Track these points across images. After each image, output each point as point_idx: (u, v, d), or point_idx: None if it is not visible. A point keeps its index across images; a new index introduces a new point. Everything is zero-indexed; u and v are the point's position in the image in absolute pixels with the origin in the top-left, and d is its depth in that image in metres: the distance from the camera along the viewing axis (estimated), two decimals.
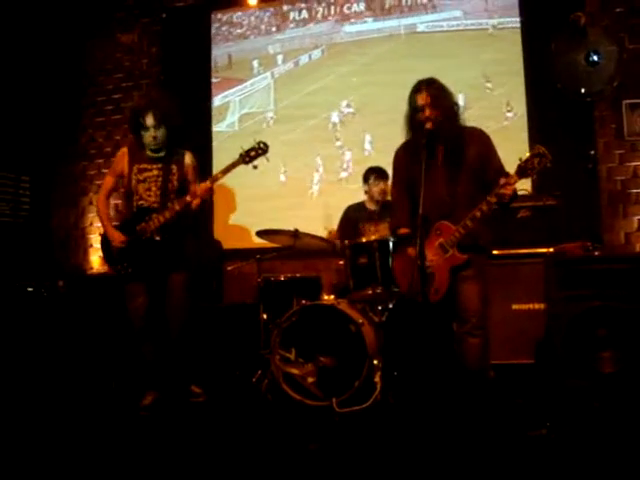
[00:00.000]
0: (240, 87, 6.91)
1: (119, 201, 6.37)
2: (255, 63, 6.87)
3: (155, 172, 4.29)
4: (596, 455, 2.93)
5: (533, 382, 4.24)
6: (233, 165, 4.20)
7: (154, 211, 4.20)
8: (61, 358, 5.32)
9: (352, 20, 6.59)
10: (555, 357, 4.12)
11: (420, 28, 6.33)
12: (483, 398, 3.44)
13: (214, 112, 6.87)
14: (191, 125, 4.63)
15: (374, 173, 5.06)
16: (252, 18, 6.93)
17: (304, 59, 6.78)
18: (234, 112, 6.90)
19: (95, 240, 7.00)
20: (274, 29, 6.86)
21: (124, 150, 4.44)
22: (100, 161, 7.12)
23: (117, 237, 4.26)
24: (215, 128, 6.83)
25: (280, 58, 6.83)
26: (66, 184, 7.20)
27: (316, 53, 6.74)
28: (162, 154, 4.34)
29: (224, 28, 6.98)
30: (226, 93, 6.92)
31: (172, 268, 4.28)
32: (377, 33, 6.50)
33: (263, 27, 6.91)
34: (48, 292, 5.85)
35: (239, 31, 6.95)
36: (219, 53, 6.94)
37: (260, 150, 4.20)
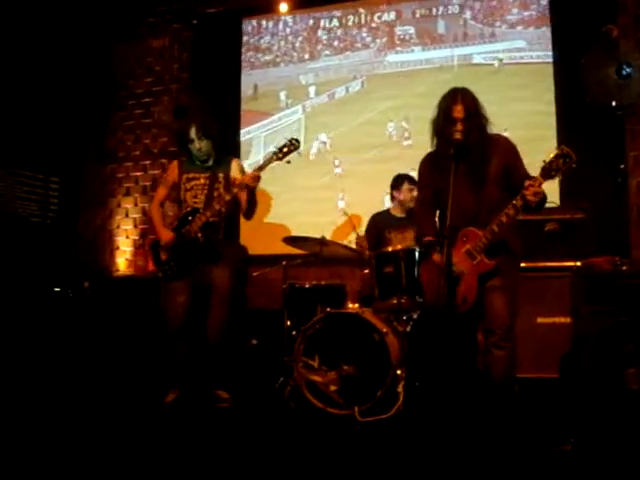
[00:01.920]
0: (266, 122, 6.41)
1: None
2: (282, 95, 6.35)
3: (202, 180, 4.45)
4: (621, 471, 2.90)
5: (557, 397, 4.19)
6: (267, 162, 4.26)
7: (198, 212, 4.32)
8: (86, 358, 5.37)
9: (397, 49, 5.99)
10: (581, 372, 4.08)
11: (477, 59, 5.79)
12: (507, 411, 3.42)
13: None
14: (220, 130, 4.67)
15: (407, 179, 5.02)
16: (282, 43, 6.43)
17: (340, 91, 6.16)
18: (259, 151, 6.40)
19: (122, 242, 7.08)
20: (307, 56, 6.28)
21: (175, 163, 4.64)
22: (128, 164, 7.19)
23: (165, 235, 4.41)
24: None
25: (313, 90, 6.27)
26: (94, 186, 7.27)
27: (354, 85, 6.13)
28: (210, 163, 4.51)
29: (250, 54, 6.57)
30: (249, 128, 6.46)
31: (216, 262, 4.37)
32: (426, 64, 5.93)
33: (295, 54, 6.35)
34: (74, 293, 5.92)
35: (267, 58, 6.46)
36: (244, 82, 6.48)
37: (292, 146, 4.27)
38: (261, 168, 4.24)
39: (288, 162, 4.29)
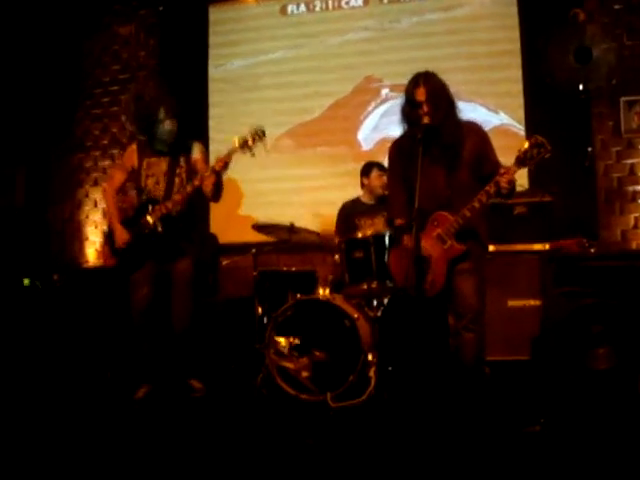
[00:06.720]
0: None
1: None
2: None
3: (164, 166, 4.29)
4: (590, 452, 2.93)
5: (528, 379, 4.23)
6: (230, 153, 4.06)
7: (157, 202, 4.19)
8: (56, 351, 5.31)
9: None
10: (550, 354, 4.12)
11: None
12: (478, 394, 3.44)
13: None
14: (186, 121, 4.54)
15: (376, 166, 5.01)
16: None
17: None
18: None
19: (91, 232, 6.99)
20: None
21: (133, 146, 4.44)
22: (96, 153, 7.08)
23: (121, 237, 4.24)
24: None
25: None
26: (62, 176, 7.16)
27: None
28: (171, 147, 4.32)
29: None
30: None
31: (176, 257, 4.29)
32: None
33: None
34: (43, 285, 5.83)
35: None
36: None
37: (257, 137, 4.06)
38: (224, 158, 4.07)
39: (252, 155, 4.08)
